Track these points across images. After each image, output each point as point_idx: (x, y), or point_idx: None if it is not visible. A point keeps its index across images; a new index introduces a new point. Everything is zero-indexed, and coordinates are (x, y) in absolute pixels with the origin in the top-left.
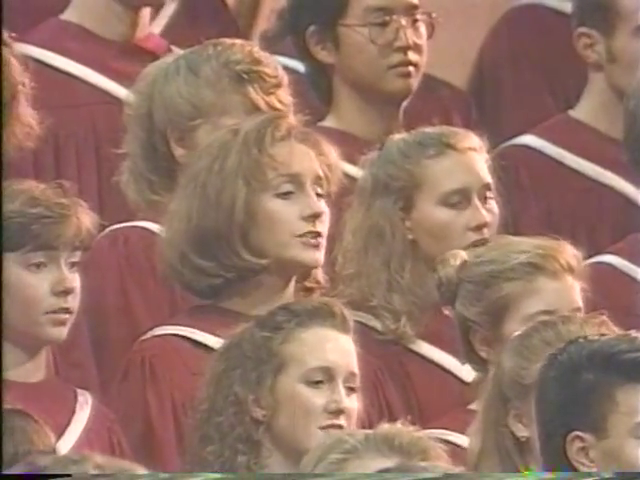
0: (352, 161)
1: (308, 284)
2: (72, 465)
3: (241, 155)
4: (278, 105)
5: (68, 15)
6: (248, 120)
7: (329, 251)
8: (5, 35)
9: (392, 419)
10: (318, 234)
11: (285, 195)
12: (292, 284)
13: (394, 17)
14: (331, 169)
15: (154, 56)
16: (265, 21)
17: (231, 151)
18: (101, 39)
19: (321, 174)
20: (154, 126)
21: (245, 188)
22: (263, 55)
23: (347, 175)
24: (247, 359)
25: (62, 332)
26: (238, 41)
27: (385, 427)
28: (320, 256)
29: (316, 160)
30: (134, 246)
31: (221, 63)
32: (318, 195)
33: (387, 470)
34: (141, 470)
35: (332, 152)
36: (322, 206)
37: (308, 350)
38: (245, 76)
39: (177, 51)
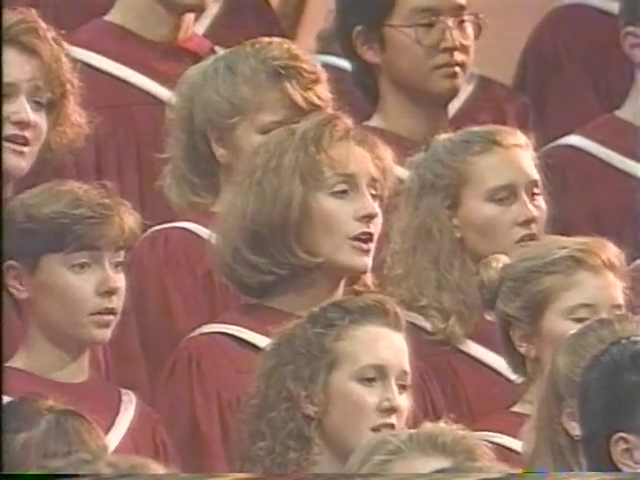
0: (398, 161)
1: (357, 287)
2: (84, 464)
3: (298, 153)
4: (316, 101)
5: (111, 16)
6: (305, 120)
7: (377, 253)
8: (54, 32)
9: (437, 420)
10: (370, 236)
11: (340, 194)
12: (342, 286)
13: (440, 18)
14: (385, 172)
15: (197, 57)
16: (310, 21)
17: (288, 149)
18: (144, 40)
19: (376, 176)
20: (195, 127)
21: (301, 186)
22: (301, 51)
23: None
24: (299, 355)
25: (106, 333)
26: (276, 39)
27: (428, 426)
28: (369, 261)
29: (371, 162)
30: (174, 247)
31: (259, 60)
32: (373, 196)
33: (442, 470)
34: (155, 467)
35: (388, 156)
36: (376, 207)
37: (361, 348)
38: (282, 72)
39: (220, 52)
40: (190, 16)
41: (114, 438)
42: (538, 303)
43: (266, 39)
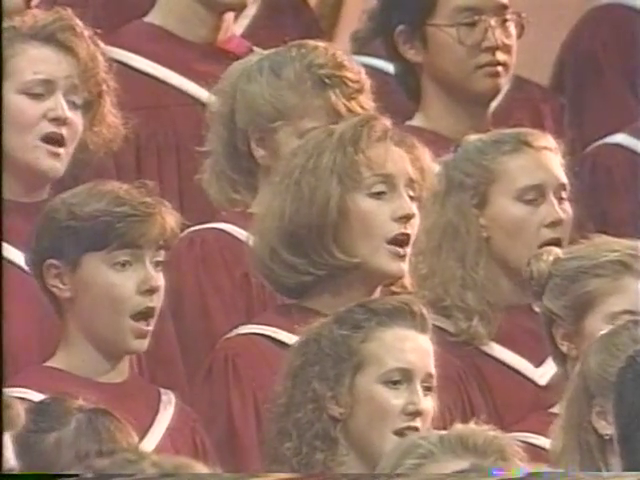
0: (438, 161)
1: (394, 288)
2: (128, 464)
3: (336, 153)
4: (359, 110)
5: (151, 17)
6: (344, 121)
7: None
8: (90, 32)
9: (476, 420)
10: (407, 237)
11: (378, 195)
12: (379, 288)
13: (483, 17)
14: (424, 173)
15: (236, 58)
16: (348, 21)
17: (326, 149)
18: (184, 41)
19: (414, 177)
20: (236, 125)
21: (339, 186)
22: (346, 59)
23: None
24: (326, 356)
25: (143, 344)
26: (321, 44)
27: (459, 427)
28: (405, 267)
29: (410, 163)
30: (211, 248)
31: (304, 66)
32: (411, 197)
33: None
34: (199, 467)
35: (427, 156)
36: (414, 208)
37: (388, 350)
38: (327, 81)
39: (259, 52)
40: (230, 17)
41: (153, 438)
42: (582, 304)
43: (311, 43)
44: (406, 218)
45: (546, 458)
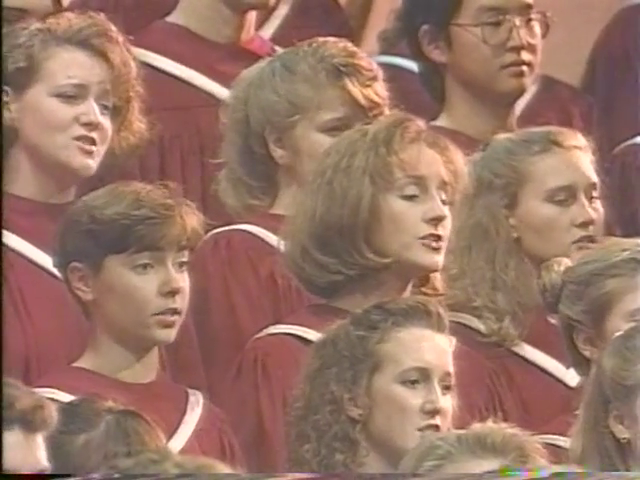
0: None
1: (425, 290)
2: (150, 464)
3: (369, 154)
4: (375, 98)
5: (174, 17)
6: (377, 121)
7: None
8: (122, 37)
9: (506, 421)
10: (439, 237)
11: (410, 197)
12: (409, 289)
13: (507, 17)
14: (457, 176)
15: (259, 58)
16: (377, 21)
17: (359, 150)
18: (207, 41)
19: (447, 180)
20: (251, 130)
21: (371, 187)
22: (358, 49)
23: None
24: (343, 358)
25: (170, 334)
26: (331, 38)
27: (476, 427)
28: (440, 259)
29: (443, 166)
30: (236, 249)
31: (317, 59)
32: (443, 201)
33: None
34: (221, 468)
35: (460, 159)
36: (445, 210)
37: (404, 350)
38: (342, 69)
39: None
40: (252, 16)
41: (181, 438)
42: (601, 306)
43: (321, 39)
44: (437, 220)
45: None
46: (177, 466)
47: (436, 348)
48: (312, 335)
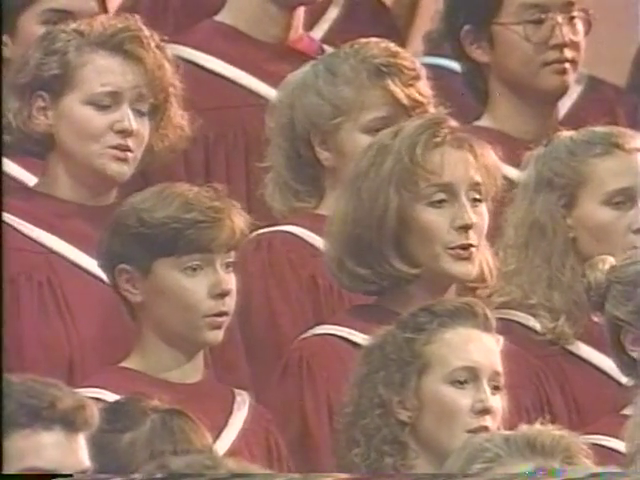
0: (507, 161)
1: (471, 284)
2: (204, 469)
3: (395, 163)
4: (418, 97)
5: (222, 17)
6: (409, 121)
7: (491, 246)
8: (157, 38)
9: (554, 421)
10: (470, 246)
11: (438, 203)
12: (452, 288)
13: (549, 14)
14: (489, 171)
15: (307, 58)
16: (423, 22)
17: (387, 157)
18: (254, 41)
19: (478, 179)
20: (296, 134)
21: (397, 197)
22: (400, 49)
23: (503, 175)
24: (390, 361)
25: (218, 335)
26: (373, 39)
27: (524, 428)
28: (472, 268)
29: (474, 164)
30: (277, 250)
31: (359, 60)
32: (476, 200)
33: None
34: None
35: (490, 154)
36: (480, 211)
37: (452, 350)
38: (384, 69)
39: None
40: (300, 14)
41: (227, 438)
42: None
43: (363, 40)
44: (466, 228)
45: (618, 460)
46: (230, 472)
47: (484, 348)
48: (357, 337)
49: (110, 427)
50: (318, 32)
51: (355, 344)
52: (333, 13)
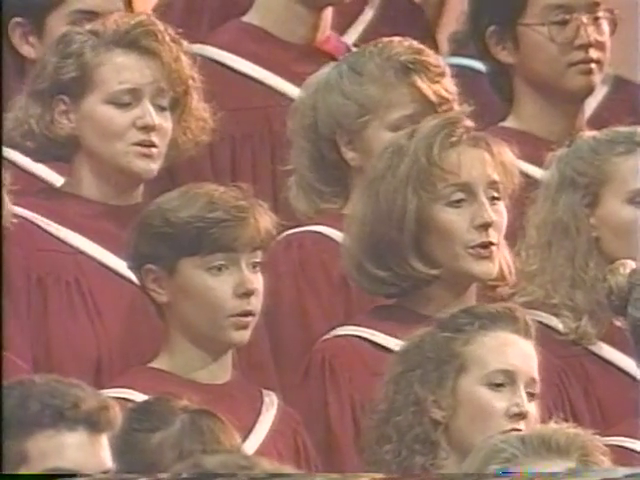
0: (533, 161)
1: (491, 282)
2: (239, 469)
3: (412, 164)
4: (445, 94)
5: (250, 17)
6: (424, 122)
7: (511, 247)
8: (172, 32)
9: (576, 421)
10: (490, 244)
11: (457, 203)
12: (473, 287)
13: (574, 15)
14: (506, 169)
15: (334, 59)
16: (449, 22)
17: (403, 159)
18: (282, 42)
19: (496, 178)
20: (320, 135)
21: (415, 198)
22: (424, 47)
23: (528, 175)
24: (428, 360)
25: (245, 335)
26: (396, 37)
27: (538, 428)
28: (493, 267)
29: (491, 163)
30: (308, 251)
31: (384, 58)
32: (495, 198)
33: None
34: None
35: (506, 151)
36: (499, 210)
37: (490, 353)
38: (410, 66)
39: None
40: (328, 15)
41: (255, 439)
42: None
43: (386, 38)
44: (486, 226)
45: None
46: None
47: (522, 353)
48: (378, 337)
49: (140, 427)
50: (353, 34)
51: (377, 345)
52: (368, 15)
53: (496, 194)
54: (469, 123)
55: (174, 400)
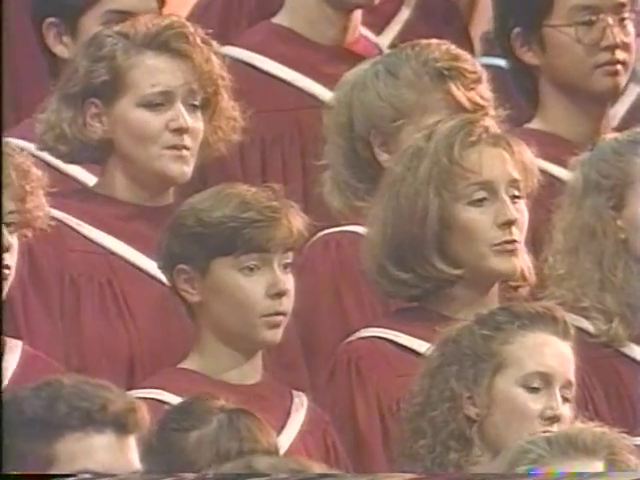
0: (559, 163)
1: (513, 283)
2: (290, 472)
3: (432, 164)
4: (479, 100)
5: (279, 19)
6: (442, 123)
7: (538, 252)
8: (202, 32)
9: (605, 422)
10: (513, 242)
11: (479, 202)
12: (495, 287)
13: (601, 16)
14: (526, 168)
15: (364, 60)
16: (480, 22)
17: (423, 160)
18: (312, 43)
19: (516, 176)
20: (355, 133)
21: (437, 198)
22: (461, 52)
23: (554, 177)
24: (465, 356)
25: (276, 335)
26: (434, 40)
27: (564, 428)
28: (518, 264)
29: (510, 162)
30: (345, 250)
31: (420, 62)
32: (516, 197)
33: None
34: None
35: (526, 151)
36: (520, 208)
37: (528, 354)
38: (446, 72)
39: (371, 60)
40: (358, 17)
41: (285, 439)
42: None
43: (424, 41)
44: (509, 223)
45: None
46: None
47: (560, 355)
48: (403, 339)
49: (178, 426)
50: (390, 34)
51: (401, 346)
52: (405, 14)
53: (517, 192)
54: (487, 123)
55: (212, 400)
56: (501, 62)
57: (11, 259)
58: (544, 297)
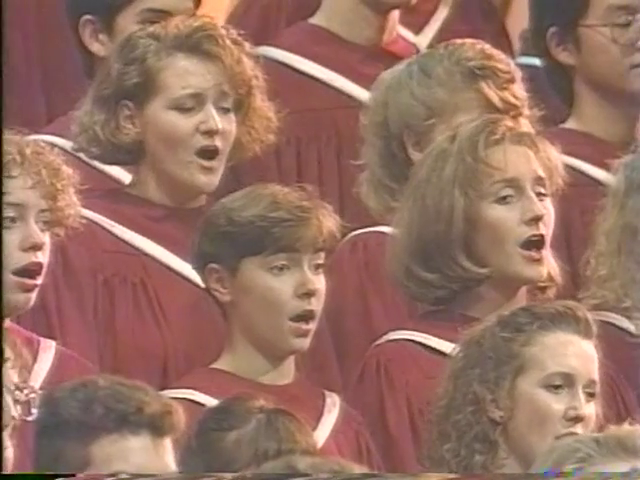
0: (595, 163)
1: (541, 283)
2: (329, 474)
3: (457, 164)
4: (512, 100)
5: (316, 19)
6: (465, 124)
7: (571, 251)
8: (235, 34)
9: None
10: (541, 238)
11: (505, 199)
12: (523, 288)
13: (637, 16)
14: (551, 167)
15: (401, 60)
16: (516, 20)
17: (448, 160)
18: (348, 43)
19: (541, 174)
20: (391, 133)
21: (462, 198)
22: (495, 52)
23: (590, 177)
24: (487, 359)
25: (305, 343)
26: (468, 40)
27: (612, 429)
28: (543, 270)
29: (535, 160)
30: (373, 251)
31: (453, 62)
32: (542, 195)
33: None
34: None
35: (551, 149)
36: (546, 206)
37: (550, 354)
38: (478, 72)
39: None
40: (394, 17)
41: (318, 440)
42: None
43: (458, 41)
44: (536, 219)
45: None
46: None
47: (582, 354)
48: (432, 341)
49: (217, 426)
50: (428, 33)
51: (430, 348)
52: (443, 13)
53: (543, 190)
54: (510, 122)
55: (251, 400)
56: (537, 61)
57: (44, 257)
58: (585, 297)
